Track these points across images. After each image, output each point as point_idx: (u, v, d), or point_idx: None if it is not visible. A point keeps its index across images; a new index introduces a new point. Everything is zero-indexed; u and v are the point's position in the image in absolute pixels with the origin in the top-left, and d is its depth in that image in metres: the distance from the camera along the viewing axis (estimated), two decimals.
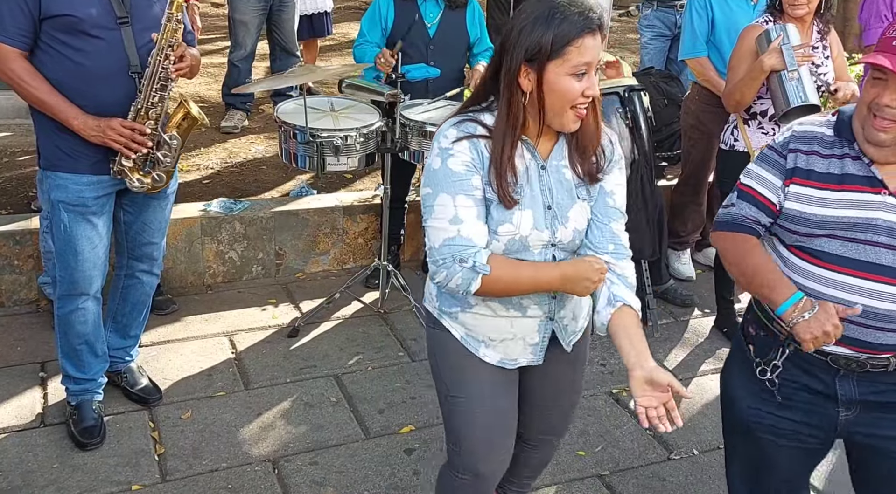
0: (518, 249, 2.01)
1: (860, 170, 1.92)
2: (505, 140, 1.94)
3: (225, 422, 3.25)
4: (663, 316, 4.23)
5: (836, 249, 1.93)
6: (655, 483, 3.09)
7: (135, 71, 2.80)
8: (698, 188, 4.51)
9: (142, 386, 3.32)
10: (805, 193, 1.96)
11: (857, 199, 1.91)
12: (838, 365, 2.01)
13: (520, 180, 1.98)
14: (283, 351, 3.76)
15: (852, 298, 1.91)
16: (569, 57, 1.85)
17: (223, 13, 7.52)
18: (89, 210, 2.89)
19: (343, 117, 3.98)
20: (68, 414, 3.14)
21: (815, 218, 1.94)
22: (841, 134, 1.96)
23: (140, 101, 2.80)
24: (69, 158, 2.84)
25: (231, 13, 5.60)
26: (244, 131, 5.67)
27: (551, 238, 2.02)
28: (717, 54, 4.22)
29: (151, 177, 2.90)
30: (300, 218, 4.42)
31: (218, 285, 4.31)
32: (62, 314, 3.03)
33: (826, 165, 1.95)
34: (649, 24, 5.47)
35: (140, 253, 3.16)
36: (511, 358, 2.19)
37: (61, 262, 2.95)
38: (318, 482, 2.97)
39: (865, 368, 1.99)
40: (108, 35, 2.75)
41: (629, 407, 3.50)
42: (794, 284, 1.98)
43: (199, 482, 2.93)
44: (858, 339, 1.95)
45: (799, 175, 1.98)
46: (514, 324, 2.13)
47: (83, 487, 2.86)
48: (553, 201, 2.02)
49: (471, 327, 2.15)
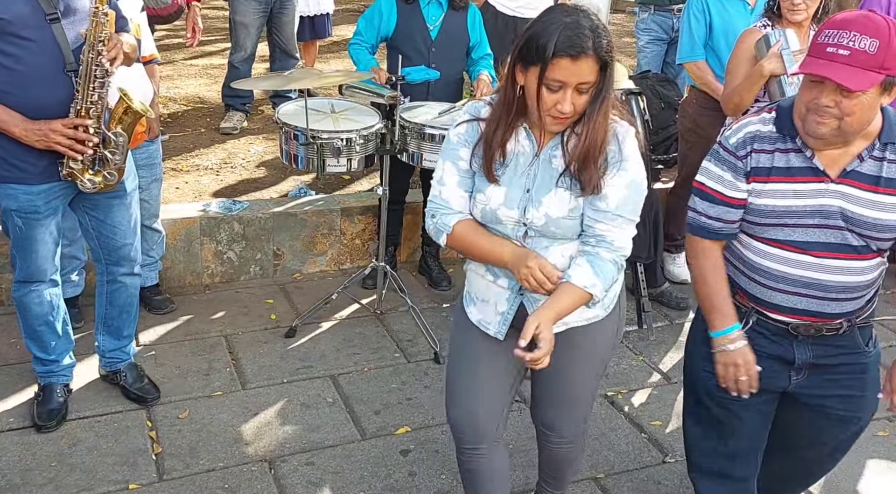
0: (492, 220, 2.17)
1: (804, 162, 2.12)
2: (499, 123, 2.12)
3: (222, 422, 3.27)
4: (658, 319, 4.25)
5: (790, 234, 2.15)
6: (650, 486, 3.10)
7: (71, 68, 2.72)
8: None
9: (140, 385, 3.34)
10: (761, 188, 2.16)
11: (806, 189, 2.12)
12: (797, 331, 2.26)
13: (507, 161, 2.14)
14: (280, 352, 3.77)
15: (805, 273, 2.16)
16: (545, 69, 1.96)
17: (224, 15, 7.54)
18: (42, 215, 2.89)
19: (343, 119, 4.00)
20: (35, 394, 3.22)
21: (772, 208, 2.15)
22: (783, 129, 2.14)
23: (79, 101, 2.73)
24: (16, 169, 2.79)
25: (232, 15, 5.61)
26: (243, 132, 5.69)
27: (521, 218, 2.15)
28: (715, 58, 4.23)
29: (102, 175, 2.86)
30: (298, 219, 4.44)
31: (216, 285, 4.33)
32: (18, 297, 3.07)
33: (770, 159, 2.14)
34: (646, 28, 5.49)
35: (116, 257, 3.16)
36: (486, 321, 2.33)
37: (17, 254, 3.00)
38: (314, 482, 2.99)
39: (821, 332, 2.25)
40: (39, 34, 2.66)
41: (624, 410, 3.52)
42: (753, 264, 2.24)
43: (196, 481, 2.95)
44: (810, 310, 2.20)
45: (758, 174, 2.16)
46: (490, 288, 2.29)
47: (81, 486, 2.88)
48: (533, 185, 2.13)
49: (469, 282, 2.37)
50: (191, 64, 7.29)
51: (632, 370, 3.82)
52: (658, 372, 3.82)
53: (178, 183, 4.84)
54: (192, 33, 5.12)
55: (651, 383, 3.74)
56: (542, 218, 2.12)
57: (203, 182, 4.90)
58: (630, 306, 4.30)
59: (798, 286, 2.19)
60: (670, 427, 3.43)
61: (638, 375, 3.79)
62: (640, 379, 3.76)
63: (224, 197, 4.56)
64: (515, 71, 2.04)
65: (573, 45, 1.93)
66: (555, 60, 1.94)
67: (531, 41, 1.98)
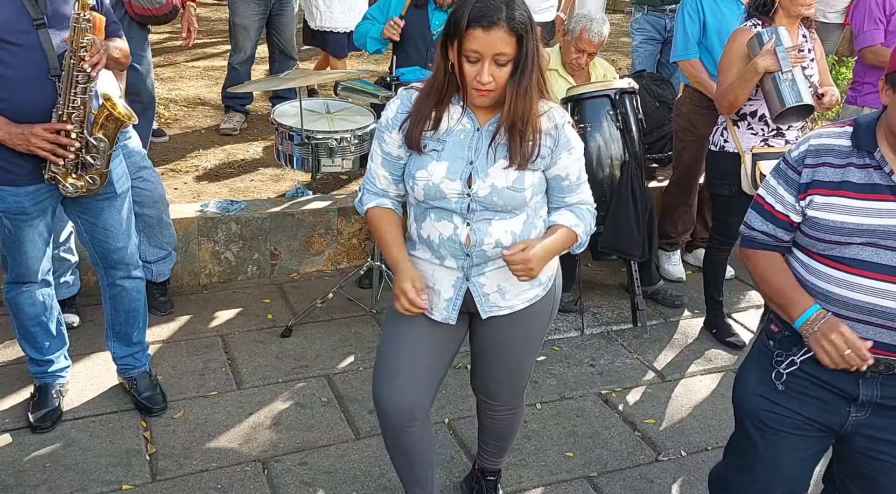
0: (435, 196, 2.23)
1: (883, 179, 1.96)
2: (428, 95, 2.21)
3: (216, 422, 3.28)
4: (653, 317, 4.25)
5: (867, 256, 1.97)
6: (643, 484, 3.11)
7: (55, 74, 2.72)
8: (689, 189, 4.53)
9: (148, 395, 3.32)
10: (824, 202, 2.01)
11: (883, 208, 1.96)
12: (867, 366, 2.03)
13: (443, 136, 2.22)
14: (275, 351, 3.79)
15: (870, 299, 1.97)
16: (462, 41, 2.06)
17: (223, 17, 7.57)
18: (30, 216, 2.90)
19: (338, 119, 4.02)
20: (31, 395, 3.24)
21: (841, 225, 1.98)
22: (860, 144, 1.99)
23: (60, 106, 2.74)
24: (3, 171, 2.80)
25: (231, 17, 5.64)
26: (243, 133, 5.72)
27: (465, 188, 2.21)
28: (709, 56, 4.24)
29: (84, 180, 2.87)
30: (295, 218, 4.46)
31: (213, 285, 4.35)
32: (10, 298, 3.09)
33: (841, 174, 1.99)
34: (640, 28, 5.49)
35: (112, 260, 3.16)
36: (431, 306, 2.36)
37: (7, 255, 3.01)
38: (307, 482, 3.00)
39: (892, 370, 2.03)
40: (26, 39, 2.67)
41: (618, 408, 3.53)
42: (820, 291, 2.05)
43: (189, 482, 2.96)
44: (877, 341, 1.99)
45: (822, 187, 2.01)
46: (435, 273, 2.36)
47: (74, 486, 2.90)
48: (476, 158, 2.21)
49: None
50: (192, 65, 7.32)
51: (626, 368, 3.83)
52: (652, 370, 3.82)
53: (178, 183, 4.87)
54: (188, 33, 5.14)
55: (645, 381, 3.74)
56: (487, 188, 2.20)
57: (202, 182, 4.92)
58: (625, 304, 4.31)
59: (862, 312, 2.00)
60: (664, 426, 3.43)
61: (632, 373, 3.79)
62: (634, 378, 3.76)
63: (222, 197, 4.57)
64: (446, 48, 2.14)
65: (483, 16, 2.03)
66: (468, 31, 2.04)
67: (451, 17, 2.10)
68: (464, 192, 2.21)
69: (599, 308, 4.34)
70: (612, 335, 4.12)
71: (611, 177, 3.97)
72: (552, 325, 4.02)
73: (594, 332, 4.12)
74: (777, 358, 2.15)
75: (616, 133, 3.93)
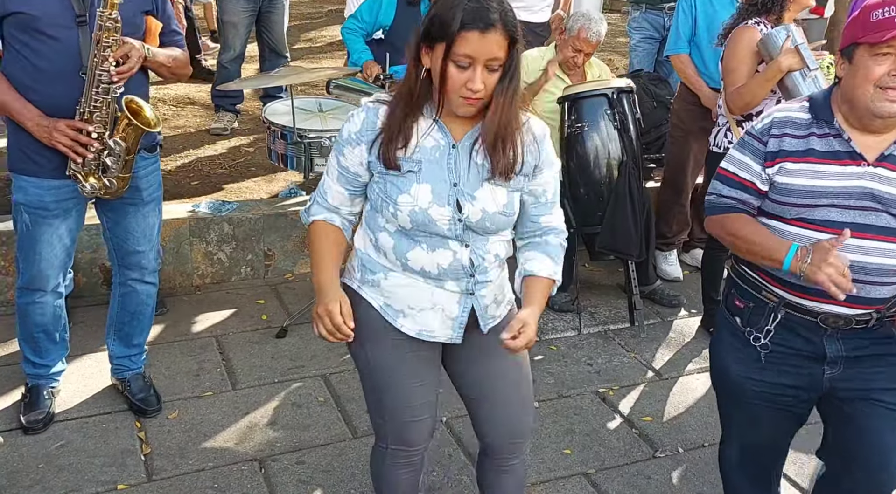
0: (423, 221, 2.05)
1: (842, 146, 2.13)
2: (397, 107, 2.03)
3: (212, 422, 3.25)
4: (650, 317, 4.25)
5: (835, 216, 2.11)
6: (640, 480, 3.10)
7: (84, 72, 2.74)
8: (680, 188, 4.51)
9: (143, 396, 3.28)
10: (793, 168, 2.14)
11: (844, 171, 2.12)
12: (826, 324, 2.19)
13: (416, 154, 2.04)
14: (271, 352, 3.76)
15: (848, 255, 2.07)
16: (452, 45, 1.90)
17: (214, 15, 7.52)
18: (50, 213, 2.89)
19: (331, 118, 4.01)
20: (23, 396, 3.21)
21: (809, 189, 2.12)
22: (818, 115, 2.16)
23: (82, 104, 2.75)
24: (30, 161, 2.82)
25: (220, 15, 5.62)
26: (234, 133, 5.69)
27: (456, 214, 2.06)
28: (697, 52, 4.24)
29: (103, 182, 2.86)
30: (289, 219, 4.43)
31: (206, 286, 4.31)
32: (21, 304, 3.07)
33: (805, 143, 2.15)
34: (638, 27, 5.47)
35: (128, 261, 3.15)
36: (429, 329, 2.19)
37: (22, 257, 2.99)
38: (305, 481, 2.98)
39: (850, 325, 2.18)
40: (65, 34, 2.70)
41: (615, 406, 3.52)
42: None
43: (186, 481, 2.93)
44: (852, 295, 2.07)
45: (790, 155, 2.15)
46: (435, 294, 2.16)
47: (68, 487, 2.86)
48: (459, 179, 2.06)
49: (389, 295, 2.17)
50: None
51: (623, 366, 3.82)
52: (650, 369, 3.81)
53: (168, 184, 4.82)
54: None
55: (643, 379, 3.73)
56: (478, 212, 2.06)
57: (193, 183, 4.88)
58: (622, 304, 4.30)
59: None
60: (661, 423, 3.42)
61: (629, 372, 3.78)
62: (631, 376, 3.75)
63: (214, 197, 4.54)
64: (420, 52, 1.97)
65: (480, 18, 1.88)
66: (462, 33, 1.88)
67: (435, 18, 1.92)
68: (455, 218, 2.06)
69: (597, 307, 4.33)
70: (610, 334, 4.11)
71: (608, 177, 3.97)
72: (550, 325, 4.08)
73: (591, 331, 4.11)
74: (755, 333, 2.26)
75: (613, 133, 3.93)
